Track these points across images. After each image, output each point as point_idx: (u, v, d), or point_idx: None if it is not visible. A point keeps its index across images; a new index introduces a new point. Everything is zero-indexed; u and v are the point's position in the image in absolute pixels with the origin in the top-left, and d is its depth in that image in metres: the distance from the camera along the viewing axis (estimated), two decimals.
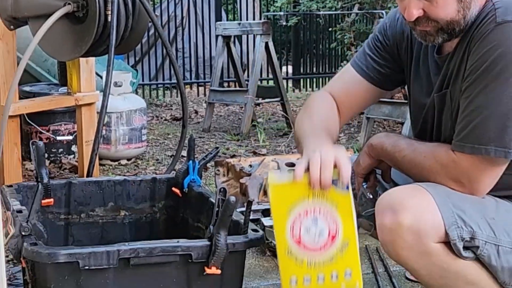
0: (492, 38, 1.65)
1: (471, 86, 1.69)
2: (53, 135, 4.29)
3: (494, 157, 1.67)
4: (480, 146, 1.67)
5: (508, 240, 1.71)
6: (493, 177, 1.72)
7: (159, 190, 2.30)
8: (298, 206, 1.63)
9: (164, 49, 4.52)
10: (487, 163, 1.70)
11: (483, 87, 1.66)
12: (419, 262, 1.71)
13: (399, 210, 1.67)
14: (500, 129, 1.66)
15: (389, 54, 1.97)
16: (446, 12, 1.69)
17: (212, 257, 1.71)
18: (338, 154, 1.70)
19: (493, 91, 1.65)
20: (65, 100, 3.60)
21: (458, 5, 1.68)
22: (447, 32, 1.73)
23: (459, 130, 1.71)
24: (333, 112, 1.97)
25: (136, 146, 4.53)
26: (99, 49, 2.58)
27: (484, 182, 1.72)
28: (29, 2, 2.60)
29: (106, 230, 2.26)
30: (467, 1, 1.69)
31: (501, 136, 1.65)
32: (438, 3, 1.68)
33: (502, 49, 1.63)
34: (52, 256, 1.64)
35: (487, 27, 1.66)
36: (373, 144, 1.91)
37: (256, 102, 5.69)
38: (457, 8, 1.69)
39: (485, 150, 1.66)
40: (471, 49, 1.70)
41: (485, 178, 1.71)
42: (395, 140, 1.88)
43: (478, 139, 1.67)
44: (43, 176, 2.12)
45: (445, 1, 1.68)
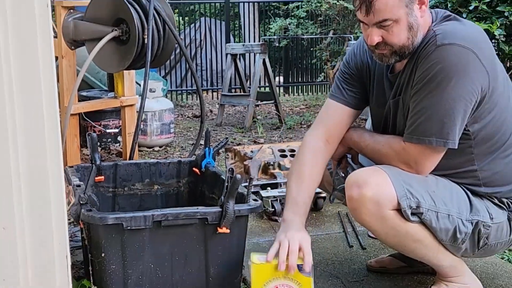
0: (434, 57, 1.64)
1: (418, 92, 1.68)
2: (104, 129, 4.32)
3: (435, 146, 1.68)
4: (424, 138, 1.68)
5: (445, 208, 1.71)
6: (434, 161, 1.72)
7: (183, 170, 2.29)
8: (272, 282, 1.62)
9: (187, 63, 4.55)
10: (430, 150, 1.70)
11: (427, 93, 1.66)
12: (378, 224, 1.71)
13: (363, 185, 1.68)
14: (440, 125, 1.66)
15: (356, 81, 1.93)
16: (399, 39, 1.68)
17: (223, 220, 1.71)
18: (303, 243, 1.69)
19: (435, 96, 1.65)
20: (112, 102, 3.63)
21: (408, 33, 1.68)
22: (399, 55, 1.72)
23: (409, 125, 1.72)
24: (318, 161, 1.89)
25: (166, 137, 4.56)
26: (138, 64, 2.59)
27: (427, 165, 1.72)
28: (86, 29, 2.62)
29: (143, 200, 2.26)
30: (414, 31, 1.69)
31: (441, 130, 1.66)
32: (393, 32, 1.67)
33: (441, 65, 1.63)
34: (103, 219, 1.65)
35: (430, 48, 1.66)
36: (344, 136, 1.92)
37: (256, 104, 5.73)
38: (408, 36, 1.68)
39: (428, 141, 1.67)
40: (418, 65, 1.69)
41: (428, 162, 1.72)
42: (360, 133, 1.91)
43: (423, 132, 1.68)
44: (96, 159, 2.13)
45: (399, 31, 1.67)
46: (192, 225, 1.71)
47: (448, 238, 1.72)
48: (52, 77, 1.45)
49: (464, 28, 1.70)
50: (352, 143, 1.91)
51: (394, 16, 1.65)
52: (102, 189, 2.18)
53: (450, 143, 1.67)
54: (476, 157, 1.75)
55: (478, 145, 1.73)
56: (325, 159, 1.90)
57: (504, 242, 1.83)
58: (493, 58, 1.72)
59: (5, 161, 1.42)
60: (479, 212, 1.75)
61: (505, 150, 1.76)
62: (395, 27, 1.67)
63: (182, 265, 1.73)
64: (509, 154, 1.77)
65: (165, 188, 2.27)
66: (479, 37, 1.70)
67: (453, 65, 1.62)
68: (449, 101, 1.64)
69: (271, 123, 5.78)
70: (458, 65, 1.62)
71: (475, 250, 1.78)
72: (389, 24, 1.66)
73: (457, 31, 1.67)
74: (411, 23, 1.67)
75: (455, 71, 1.62)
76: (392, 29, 1.67)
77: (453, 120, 1.65)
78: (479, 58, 1.64)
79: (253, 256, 1.66)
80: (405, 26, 1.67)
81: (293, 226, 1.75)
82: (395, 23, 1.66)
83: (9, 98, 1.41)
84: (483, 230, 1.75)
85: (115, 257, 1.67)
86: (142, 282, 1.70)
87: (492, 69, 1.68)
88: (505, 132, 1.75)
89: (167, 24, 2.55)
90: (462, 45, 1.62)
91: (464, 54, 1.62)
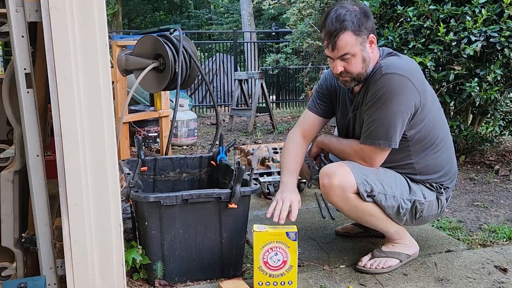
0: (380, 83, 1.65)
1: (370, 108, 1.69)
2: (147, 133, 4.30)
3: (383, 146, 1.68)
4: (375, 141, 1.68)
5: (391, 191, 1.71)
6: (383, 157, 1.72)
7: (203, 163, 2.27)
8: (268, 244, 1.61)
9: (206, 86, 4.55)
10: (379, 150, 1.70)
11: (376, 108, 1.66)
12: (343, 204, 1.70)
13: (332, 176, 1.67)
14: (385, 132, 1.66)
15: (326, 98, 1.94)
16: (356, 68, 1.69)
17: (232, 198, 1.70)
18: (293, 202, 1.71)
19: (382, 111, 1.65)
20: (153, 114, 3.63)
21: (363, 64, 1.69)
22: (357, 80, 1.72)
23: (364, 131, 1.72)
24: (299, 148, 1.90)
25: (191, 139, 4.53)
26: (171, 86, 2.57)
27: (377, 160, 1.72)
28: (134, 61, 2.60)
29: (175, 184, 2.24)
30: (367, 62, 1.70)
31: (386, 135, 1.66)
32: (352, 63, 1.68)
33: (385, 89, 1.64)
34: (146, 198, 1.64)
35: (377, 76, 1.66)
36: (318, 140, 1.93)
37: (256, 115, 5.69)
38: (362, 66, 1.69)
39: (378, 143, 1.68)
40: (369, 88, 1.70)
41: (378, 158, 1.72)
42: (329, 138, 1.90)
43: (374, 136, 1.68)
44: (141, 155, 2.12)
45: (356, 62, 1.68)
46: (210, 202, 1.70)
47: (394, 212, 1.73)
48: (110, 96, 1.46)
49: (402, 61, 1.71)
50: (323, 145, 1.91)
51: (352, 51, 1.66)
52: (145, 176, 2.17)
53: (393, 144, 1.68)
54: (413, 153, 1.75)
55: (413, 145, 1.74)
56: (303, 148, 1.92)
57: (434, 214, 1.84)
58: (423, 82, 1.72)
59: (76, 156, 1.43)
60: (415, 193, 1.76)
61: (434, 149, 1.77)
62: (353, 59, 1.68)
63: (203, 231, 1.72)
64: (437, 151, 1.78)
65: (190, 175, 2.26)
66: (413, 67, 1.71)
67: (393, 88, 1.63)
68: (392, 114, 1.65)
69: (266, 129, 5.76)
70: (397, 88, 1.63)
71: (413, 221, 1.79)
72: (349, 58, 1.68)
73: (396, 63, 1.68)
74: (364, 57, 1.68)
75: (395, 93, 1.63)
76: (351, 61, 1.68)
77: (394, 128, 1.66)
78: (412, 82, 1.65)
79: (254, 226, 1.66)
80: (360, 58, 1.68)
81: (287, 187, 1.77)
82: (353, 56, 1.67)
83: (78, 110, 1.42)
84: (419, 206, 1.76)
85: (155, 225, 1.67)
86: (174, 243, 1.70)
87: (422, 90, 1.69)
88: (433, 135, 1.76)
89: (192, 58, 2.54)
90: (400, 74, 1.64)
91: (401, 80, 1.64)
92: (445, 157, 1.80)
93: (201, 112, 7.82)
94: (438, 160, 1.79)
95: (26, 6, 1.39)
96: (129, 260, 1.66)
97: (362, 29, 1.65)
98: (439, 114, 1.80)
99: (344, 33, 1.63)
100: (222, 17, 17.08)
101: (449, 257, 1.91)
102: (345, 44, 1.65)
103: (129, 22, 18.27)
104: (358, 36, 1.65)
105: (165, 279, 1.70)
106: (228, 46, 8.89)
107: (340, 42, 1.65)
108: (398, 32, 3.25)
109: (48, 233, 1.50)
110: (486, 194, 2.79)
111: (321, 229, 2.24)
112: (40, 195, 1.47)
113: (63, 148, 1.41)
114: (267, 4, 7.68)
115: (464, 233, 2.17)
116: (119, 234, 1.52)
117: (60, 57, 1.37)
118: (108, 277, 1.53)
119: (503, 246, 2.01)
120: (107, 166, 1.46)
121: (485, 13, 2.91)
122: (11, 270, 1.63)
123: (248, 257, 1.88)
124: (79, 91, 1.40)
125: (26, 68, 1.41)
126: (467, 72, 3.09)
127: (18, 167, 1.57)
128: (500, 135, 3.66)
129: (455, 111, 3.47)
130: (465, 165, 3.43)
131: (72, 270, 1.48)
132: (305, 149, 1.93)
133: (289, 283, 1.63)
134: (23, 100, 1.42)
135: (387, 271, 1.78)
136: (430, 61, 3.04)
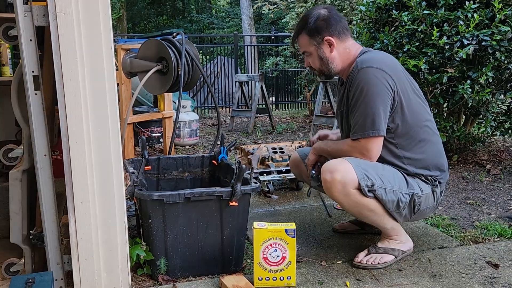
0: (356, 78, 1.71)
1: (354, 104, 1.73)
2: (150, 133, 4.28)
3: (372, 136, 1.69)
4: (364, 132, 1.70)
5: (390, 185, 1.71)
6: (378, 147, 1.73)
7: (205, 162, 2.27)
8: (268, 241, 1.62)
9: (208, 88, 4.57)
10: (371, 140, 1.71)
11: (360, 103, 1.70)
12: (344, 199, 1.69)
13: (333, 171, 1.67)
14: (371, 122, 1.68)
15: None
16: (315, 65, 1.85)
17: (233, 196, 1.69)
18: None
19: (364, 104, 1.70)
20: (156, 115, 3.62)
21: (320, 62, 1.82)
22: (324, 75, 1.86)
23: (353, 126, 1.74)
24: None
25: (193, 139, 4.51)
26: (174, 88, 2.57)
27: (374, 150, 1.73)
28: (138, 64, 2.60)
29: (178, 182, 2.23)
30: (324, 61, 1.81)
31: (372, 125, 1.69)
32: (311, 61, 1.85)
33: (363, 83, 1.69)
34: (150, 196, 1.62)
35: (354, 72, 1.73)
36: (315, 147, 1.93)
37: (256, 116, 5.69)
38: (320, 63, 1.83)
39: (367, 133, 1.70)
40: (350, 85, 1.75)
41: (374, 148, 1.72)
42: (325, 142, 1.93)
43: (361, 129, 1.71)
44: (145, 155, 2.11)
45: (313, 59, 1.84)
46: (211, 200, 1.69)
47: (394, 207, 1.72)
48: (115, 98, 1.46)
49: (375, 55, 1.78)
50: (320, 150, 1.90)
51: (307, 50, 1.83)
52: (149, 175, 2.16)
53: (381, 132, 1.69)
54: (399, 146, 1.76)
55: (397, 138, 1.75)
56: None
57: (431, 207, 1.84)
58: (396, 71, 1.74)
59: (82, 155, 1.43)
60: (413, 187, 1.76)
61: (420, 142, 1.78)
62: (310, 57, 1.84)
63: (204, 228, 1.71)
64: (424, 146, 1.78)
65: (193, 174, 2.25)
66: (385, 59, 1.76)
67: (369, 79, 1.68)
68: (373, 104, 1.68)
69: (266, 129, 5.76)
70: (373, 79, 1.68)
71: (412, 215, 1.79)
72: (308, 55, 1.84)
73: (369, 58, 1.74)
74: (320, 56, 1.81)
75: (372, 84, 1.68)
76: (309, 58, 1.84)
77: (378, 116, 1.68)
78: (386, 72, 1.69)
79: (254, 223, 1.65)
80: (317, 57, 1.82)
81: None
82: (310, 54, 1.83)
83: (85, 111, 1.42)
84: (417, 199, 1.76)
85: (158, 222, 1.66)
86: (177, 240, 1.69)
87: (398, 78, 1.72)
88: (416, 130, 1.77)
89: (194, 61, 2.54)
90: (373, 66, 1.69)
91: (376, 72, 1.69)
92: (431, 150, 1.80)
93: (203, 113, 7.83)
94: (425, 153, 1.79)
95: (34, 11, 1.39)
96: (133, 256, 1.66)
97: (315, 33, 1.78)
98: (423, 108, 1.80)
99: (301, 34, 1.83)
100: (223, 22, 17.08)
101: (443, 253, 1.91)
102: (301, 43, 1.84)
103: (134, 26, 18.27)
104: (312, 38, 1.80)
105: (168, 275, 1.70)
106: (229, 50, 8.89)
107: (299, 41, 1.85)
108: (393, 36, 3.25)
109: (55, 230, 1.50)
110: (478, 193, 2.79)
111: (319, 226, 2.24)
112: (47, 193, 1.47)
113: (70, 148, 1.41)
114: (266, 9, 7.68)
115: (457, 230, 2.17)
116: (124, 231, 1.52)
117: (67, 60, 1.37)
118: (113, 273, 1.53)
119: (494, 243, 2.01)
120: (112, 165, 1.46)
121: (477, 18, 2.91)
122: (19, 265, 1.63)
123: (249, 253, 1.88)
124: (85, 93, 1.40)
125: (34, 71, 1.41)
126: (460, 75, 3.09)
127: (26, 166, 1.57)
128: (491, 136, 3.66)
129: (448, 112, 3.47)
130: (458, 165, 3.43)
131: (78, 266, 1.48)
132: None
133: (288, 278, 1.63)
134: (31, 101, 1.42)
135: (383, 267, 1.78)
136: (424, 64, 3.04)
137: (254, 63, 8.96)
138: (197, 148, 4.44)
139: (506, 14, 2.89)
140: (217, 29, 16.87)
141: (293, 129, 5.64)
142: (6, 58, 2.49)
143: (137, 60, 2.63)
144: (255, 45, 9.51)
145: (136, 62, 2.64)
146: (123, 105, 3.21)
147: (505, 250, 1.93)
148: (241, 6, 11.32)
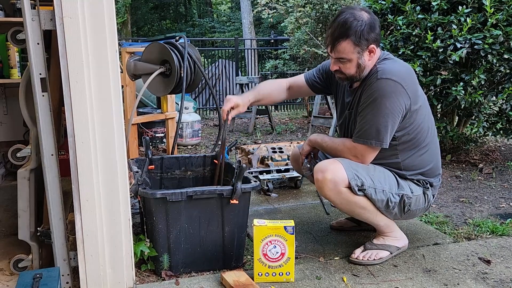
0: (374, 86, 1.64)
1: (364, 109, 1.68)
2: (154, 133, 4.28)
3: (374, 146, 1.67)
4: (367, 140, 1.68)
5: (380, 185, 1.71)
6: (373, 155, 1.72)
7: (207, 161, 2.25)
8: (267, 238, 1.61)
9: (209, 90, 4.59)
10: (371, 148, 1.70)
11: (370, 110, 1.66)
12: (336, 197, 1.70)
13: (325, 171, 1.67)
14: (377, 132, 1.66)
15: (323, 78, 1.98)
16: (349, 72, 1.71)
17: (233, 195, 1.68)
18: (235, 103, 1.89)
19: (374, 113, 1.65)
20: (160, 116, 3.61)
21: (357, 69, 1.72)
22: (350, 80, 1.74)
23: (357, 130, 1.71)
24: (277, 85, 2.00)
25: (195, 139, 4.50)
26: (176, 90, 2.56)
27: (369, 157, 1.72)
28: (142, 67, 2.60)
29: (180, 181, 2.22)
30: (361, 68, 1.71)
31: (378, 136, 1.66)
32: (346, 67, 1.70)
33: (379, 92, 1.64)
34: (153, 194, 1.62)
35: (372, 80, 1.66)
36: (311, 139, 1.91)
37: (256, 117, 5.69)
38: (356, 71, 1.71)
39: (369, 142, 1.67)
40: (365, 90, 1.69)
41: (370, 156, 1.71)
42: (322, 136, 1.89)
43: (367, 136, 1.68)
44: (148, 154, 2.10)
45: (350, 66, 1.70)
46: (213, 198, 1.68)
47: (383, 206, 1.72)
48: (119, 99, 1.46)
49: (397, 66, 1.70)
50: (316, 143, 1.88)
51: (348, 57, 1.68)
52: (153, 174, 2.15)
53: (384, 144, 1.67)
54: (399, 152, 1.75)
55: (401, 145, 1.74)
56: (280, 88, 2.01)
57: (422, 208, 1.83)
58: (415, 88, 1.71)
59: (88, 155, 1.43)
60: (403, 188, 1.76)
61: (420, 150, 1.77)
62: (348, 63, 1.69)
63: (206, 225, 1.71)
64: (423, 153, 1.78)
65: (195, 173, 2.24)
66: (407, 73, 1.70)
67: (387, 92, 1.63)
68: (383, 116, 1.64)
69: (266, 130, 5.75)
70: (390, 92, 1.63)
71: (402, 214, 1.79)
72: (344, 61, 1.69)
73: (392, 69, 1.67)
74: (359, 63, 1.69)
75: (388, 97, 1.63)
76: (346, 65, 1.70)
77: (385, 129, 1.65)
78: (404, 88, 1.64)
79: (254, 220, 1.65)
80: (355, 64, 1.69)
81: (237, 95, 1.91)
82: (348, 61, 1.69)
83: (90, 113, 1.42)
84: (407, 200, 1.75)
85: (162, 220, 1.66)
86: (179, 237, 1.69)
87: (414, 96, 1.68)
88: (420, 138, 1.76)
89: (196, 63, 2.54)
90: (393, 79, 1.63)
91: (394, 86, 1.63)
92: (429, 158, 1.80)
93: (204, 114, 7.82)
94: (423, 160, 1.78)
95: (41, 15, 1.39)
96: (137, 252, 1.66)
97: (363, 40, 1.65)
98: (428, 117, 1.79)
99: (344, 40, 1.65)
100: (224, 26, 17.08)
101: (436, 250, 1.91)
102: (343, 50, 1.67)
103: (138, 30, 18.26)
104: (357, 45, 1.66)
105: (171, 270, 1.70)
106: (230, 53, 8.89)
107: (339, 46, 1.67)
108: (389, 40, 3.26)
109: (62, 227, 1.50)
110: (470, 191, 2.79)
111: (317, 223, 2.24)
112: (54, 192, 1.47)
113: (76, 148, 1.41)
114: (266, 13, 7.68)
115: (450, 227, 2.17)
116: (128, 228, 1.52)
117: (73, 62, 1.37)
118: (118, 268, 1.53)
119: (486, 239, 2.01)
120: (117, 164, 1.46)
121: (470, 22, 2.91)
122: (27, 262, 1.63)
123: (249, 250, 1.88)
124: (91, 95, 1.40)
125: (41, 73, 1.41)
126: (453, 77, 3.09)
127: (34, 166, 1.57)
128: (484, 136, 3.66)
129: (441, 113, 3.47)
130: (451, 164, 3.43)
131: (84, 262, 1.48)
132: (281, 90, 2.01)
133: (287, 274, 1.63)
134: (38, 103, 1.42)
135: (378, 263, 1.78)
136: (418, 66, 3.04)
137: (254, 66, 8.96)
138: (199, 148, 4.43)
139: (498, 19, 2.89)
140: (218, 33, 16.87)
141: (292, 130, 5.64)
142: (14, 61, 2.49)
143: (141, 63, 2.63)
144: (255, 48, 9.51)
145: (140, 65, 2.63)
146: (128, 107, 3.20)
147: (496, 247, 1.93)
148: (241, 11, 11.33)
